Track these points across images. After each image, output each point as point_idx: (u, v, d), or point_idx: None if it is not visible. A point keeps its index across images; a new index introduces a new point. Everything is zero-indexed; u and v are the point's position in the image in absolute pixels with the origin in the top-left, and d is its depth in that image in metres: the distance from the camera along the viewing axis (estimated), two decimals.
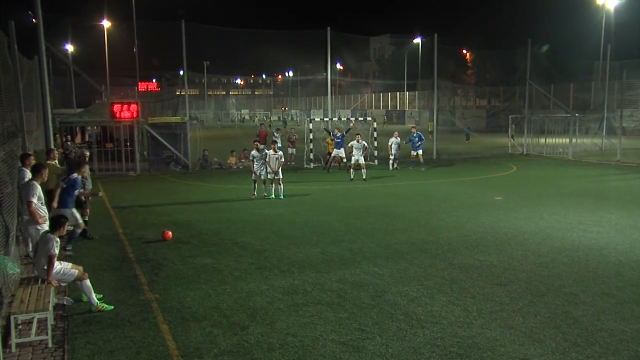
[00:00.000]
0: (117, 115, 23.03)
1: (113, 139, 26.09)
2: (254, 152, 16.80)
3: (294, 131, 28.08)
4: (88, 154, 12.15)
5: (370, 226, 12.96)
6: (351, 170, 20.94)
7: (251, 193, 16.93)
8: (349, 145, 21.65)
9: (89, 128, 28.76)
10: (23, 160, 10.73)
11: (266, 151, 16.74)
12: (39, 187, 9.14)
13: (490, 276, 9.09)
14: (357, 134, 21.64)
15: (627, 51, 42.14)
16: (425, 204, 15.93)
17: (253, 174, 16.82)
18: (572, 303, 7.87)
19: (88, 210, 12.13)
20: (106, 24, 40.15)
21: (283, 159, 16.81)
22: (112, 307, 7.79)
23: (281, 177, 16.67)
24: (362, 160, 20.69)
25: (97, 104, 33.09)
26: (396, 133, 24.99)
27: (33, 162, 10.80)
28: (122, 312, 7.67)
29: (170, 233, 11.82)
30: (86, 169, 11.41)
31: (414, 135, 24.63)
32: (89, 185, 12.38)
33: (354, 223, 13.32)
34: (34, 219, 8.89)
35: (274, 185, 16.79)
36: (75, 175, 10.80)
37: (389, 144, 24.33)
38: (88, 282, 7.74)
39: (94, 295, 7.74)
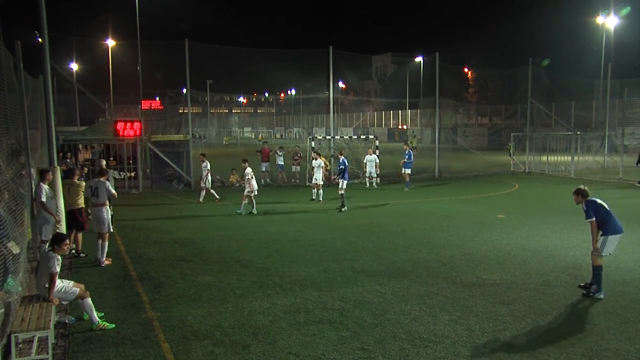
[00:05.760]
0: (121, 133, 23.19)
1: (117, 157, 26.21)
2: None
3: (298, 149, 28.11)
4: (86, 170, 12.45)
5: (372, 244, 12.94)
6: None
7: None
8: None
9: (88, 146, 28.90)
10: (43, 176, 11.05)
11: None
12: None
13: (493, 295, 9.05)
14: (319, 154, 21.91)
15: (628, 70, 42.42)
16: (427, 222, 15.91)
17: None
18: (576, 322, 7.82)
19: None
20: (110, 43, 40.60)
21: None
22: (114, 325, 7.77)
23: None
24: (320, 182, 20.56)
25: (101, 121, 33.23)
26: (370, 150, 24.46)
27: (51, 177, 11.14)
28: (124, 330, 7.64)
29: None
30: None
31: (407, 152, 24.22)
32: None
33: (356, 241, 13.30)
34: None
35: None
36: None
37: (364, 161, 24.20)
38: (89, 300, 7.73)
39: (95, 313, 7.73)
